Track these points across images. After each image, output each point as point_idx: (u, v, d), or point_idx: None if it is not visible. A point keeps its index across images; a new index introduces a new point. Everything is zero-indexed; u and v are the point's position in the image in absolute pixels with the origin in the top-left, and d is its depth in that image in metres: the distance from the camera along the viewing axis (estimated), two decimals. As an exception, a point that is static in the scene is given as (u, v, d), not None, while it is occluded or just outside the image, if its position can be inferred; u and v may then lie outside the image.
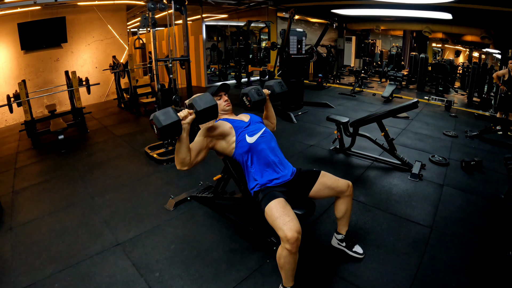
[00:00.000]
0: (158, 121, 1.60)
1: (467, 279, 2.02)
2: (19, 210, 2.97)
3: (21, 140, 5.17)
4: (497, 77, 5.86)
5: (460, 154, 4.15)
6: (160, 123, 1.59)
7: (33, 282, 2.02)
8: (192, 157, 1.84)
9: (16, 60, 6.44)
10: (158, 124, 1.59)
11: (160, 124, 1.59)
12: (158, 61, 3.92)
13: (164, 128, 1.60)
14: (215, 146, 2.06)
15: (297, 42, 5.94)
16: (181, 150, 1.77)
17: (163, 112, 1.63)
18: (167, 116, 1.62)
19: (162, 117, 1.61)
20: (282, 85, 2.36)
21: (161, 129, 1.60)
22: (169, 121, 1.61)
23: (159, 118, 1.60)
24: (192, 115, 1.75)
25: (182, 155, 1.78)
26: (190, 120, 1.74)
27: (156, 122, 1.60)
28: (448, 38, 12.39)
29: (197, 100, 1.76)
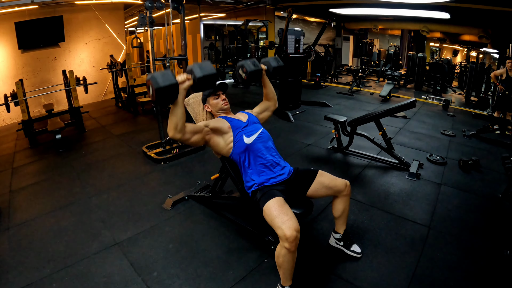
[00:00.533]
0: (156, 82, 1.54)
1: (464, 278, 2.03)
2: (16, 209, 2.95)
3: (18, 140, 5.15)
4: (494, 76, 5.87)
5: (457, 153, 4.16)
6: (158, 84, 1.54)
7: (30, 282, 2.02)
8: (187, 130, 1.82)
9: (13, 59, 6.41)
10: (155, 85, 1.54)
11: (158, 85, 1.54)
12: (156, 60, 3.91)
13: (161, 90, 1.55)
14: (211, 141, 2.05)
15: (295, 41, 5.93)
16: (175, 113, 1.73)
17: (161, 74, 1.58)
18: (165, 78, 1.57)
19: (161, 78, 1.56)
20: (278, 61, 2.31)
21: (157, 90, 1.54)
22: (167, 83, 1.57)
23: (157, 79, 1.55)
24: (190, 81, 1.73)
25: (175, 119, 1.74)
26: (187, 85, 1.73)
27: (153, 82, 1.55)
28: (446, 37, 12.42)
29: (197, 67, 1.72)
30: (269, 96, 2.39)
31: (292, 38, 5.88)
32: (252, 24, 9.51)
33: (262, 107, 2.38)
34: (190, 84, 1.73)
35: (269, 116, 2.43)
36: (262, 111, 2.37)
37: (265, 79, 2.29)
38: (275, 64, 2.27)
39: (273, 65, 2.26)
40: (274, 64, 2.27)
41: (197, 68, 1.72)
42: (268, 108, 2.38)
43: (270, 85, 2.36)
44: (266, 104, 2.38)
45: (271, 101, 2.40)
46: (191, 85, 1.74)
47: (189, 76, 1.73)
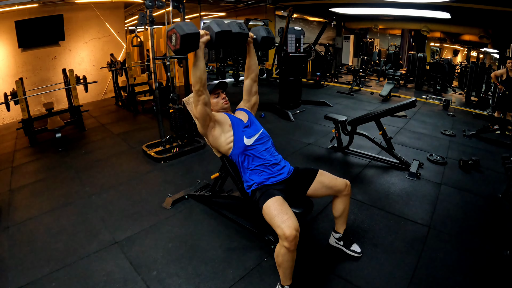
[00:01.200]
0: (181, 29, 1.64)
1: (464, 278, 2.03)
2: (16, 208, 2.95)
3: (18, 138, 5.15)
4: (495, 76, 5.87)
5: (457, 153, 4.16)
6: (184, 30, 1.64)
7: (30, 281, 2.01)
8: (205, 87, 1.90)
9: (13, 58, 6.40)
10: (180, 32, 1.63)
11: (183, 31, 1.63)
12: (156, 59, 3.91)
13: (186, 36, 1.65)
14: (213, 131, 2.05)
15: (295, 40, 5.93)
16: (198, 66, 1.82)
17: (185, 23, 1.68)
18: (189, 26, 1.67)
19: (185, 26, 1.66)
20: (269, 31, 2.22)
21: (183, 37, 1.64)
22: (192, 31, 1.67)
23: (183, 27, 1.65)
24: (208, 36, 1.81)
25: (199, 73, 1.84)
26: (206, 40, 1.80)
27: (178, 30, 1.64)
28: (446, 37, 12.42)
29: (214, 23, 1.82)
30: (251, 67, 2.28)
31: (293, 37, 5.88)
32: (253, 23, 9.48)
33: (247, 89, 2.32)
34: (208, 39, 1.81)
35: (256, 92, 2.34)
36: (249, 93, 2.32)
37: (251, 47, 2.20)
38: (264, 33, 2.18)
39: (262, 34, 2.18)
40: (264, 34, 2.17)
41: (214, 24, 1.82)
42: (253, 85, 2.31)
43: (254, 55, 2.27)
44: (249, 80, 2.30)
45: (253, 71, 2.29)
46: (208, 40, 1.81)
47: (207, 31, 1.81)
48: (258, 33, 2.18)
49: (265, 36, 2.18)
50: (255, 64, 2.29)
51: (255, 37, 2.19)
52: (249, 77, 2.30)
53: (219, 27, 1.82)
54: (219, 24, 1.83)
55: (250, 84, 2.31)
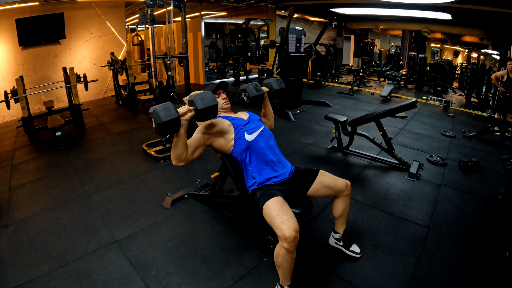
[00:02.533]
0: (158, 117, 1.60)
1: (464, 279, 2.03)
2: (15, 207, 2.95)
3: (18, 137, 5.15)
4: (495, 78, 5.87)
5: (457, 154, 4.16)
6: (160, 119, 1.59)
7: (29, 280, 2.01)
8: (188, 153, 1.82)
9: (13, 56, 6.40)
10: (157, 120, 1.59)
11: (160, 120, 1.59)
12: (157, 58, 3.91)
13: (163, 124, 1.60)
14: (212, 144, 2.04)
15: (296, 40, 5.93)
16: (178, 146, 1.75)
17: (163, 108, 1.62)
18: (167, 112, 1.62)
19: (162, 113, 1.60)
20: (280, 83, 2.34)
21: (160, 125, 1.60)
22: (169, 118, 1.61)
23: (159, 114, 1.60)
24: (192, 112, 1.74)
25: (179, 151, 1.77)
26: (189, 117, 1.73)
27: (155, 117, 1.60)
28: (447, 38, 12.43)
29: (198, 98, 1.75)
30: (267, 117, 2.40)
31: (293, 37, 5.88)
32: (253, 23, 9.49)
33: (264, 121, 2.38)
34: (192, 115, 1.74)
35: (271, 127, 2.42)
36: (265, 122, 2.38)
37: (266, 101, 2.32)
38: (277, 87, 2.30)
39: (275, 87, 2.29)
40: (276, 87, 2.29)
41: (198, 99, 1.74)
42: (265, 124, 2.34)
43: (270, 107, 2.39)
44: (263, 121, 2.36)
45: (268, 121, 2.40)
46: (193, 115, 1.75)
47: (190, 107, 1.74)
48: (271, 87, 2.29)
49: (278, 89, 2.30)
50: (271, 114, 2.42)
51: (269, 90, 2.29)
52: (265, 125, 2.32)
53: (203, 103, 1.74)
54: (203, 99, 1.75)
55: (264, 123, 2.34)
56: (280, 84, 2.33)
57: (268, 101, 2.34)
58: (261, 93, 2.15)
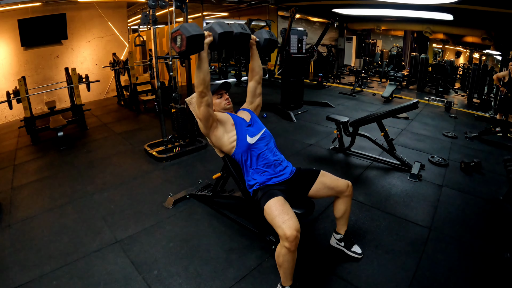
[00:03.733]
0: (187, 30, 1.63)
1: (465, 280, 2.03)
2: (17, 206, 2.96)
3: (20, 137, 5.16)
4: (497, 78, 5.86)
5: (459, 155, 4.15)
6: (189, 32, 1.63)
7: (31, 279, 2.02)
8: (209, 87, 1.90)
9: (16, 57, 6.42)
10: (186, 33, 1.63)
11: (189, 32, 1.63)
12: (158, 59, 3.92)
13: (192, 38, 1.64)
14: (215, 131, 2.05)
15: (298, 41, 5.93)
16: (202, 68, 1.83)
17: (189, 24, 1.68)
18: (194, 28, 1.67)
19: (190, 28, 1.66)
20: (272, 34, 2.23)
21: (189, 38, 1.64)
22: (197, 32, 1.66)
23: (188, 28, 1.65)
24: (211, 37, 1.81)
25: (203, 75, 1.84)
26: (209, 41, 1.81)
27: (184, 31, 1.64)
28: (448, 39, 12.40)
29: (217, 24, 1.82)
30: (255, 69, 2.30)
31: (295, 38, 5.88)
32: (255, 24, 9.50)
33: (251, 91, 2.33)
34: (211, 40, 1.81)
35: (260, 94, 2.36)
36: (252, 95, 2.33)
37: (254, 49, 2.22)
38: (267, 36, 2.18)
39: (264, 36, 2.19)
40: (266, 36, 2.18)
41: (216, 25, 1.82)
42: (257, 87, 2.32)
43: (258, 57, 2.28)
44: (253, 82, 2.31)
45: (257, 73, 2.31)
46: (211, 41, 1.82)
47: (209, 33, 1.81)
48: (260, 36, 2.19)
49: (267, 38, 2.18)
50: (259, 66, 2.30)
51: (258, 40, 2.19)
52: (253, 79, 2.31)
53: (222, 28, 1.82)
54: (221, 26, 1.83)
55: (254, 86, 2.32)
56: (271, 35, 2.22)
57: (256, 51, 2.23)
58: (247, 32, 2.02)
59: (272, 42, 2.22)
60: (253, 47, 2.20)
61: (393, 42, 15.50)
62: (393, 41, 15.64)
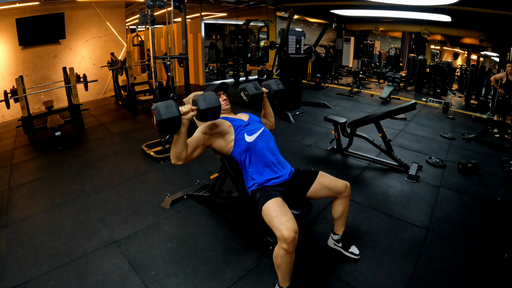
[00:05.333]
0: (159, 114, 1.59)
1: (462, 280, 2.03)
2: (14, 206, 2.95)
3: (17, 136, 5.15)
4: (495, 80, 5.89)
5: (457, 156, 4.17)
6: (160, 116, 1.59)
7: (28, 279, 2.01)
8: (188, 153, 1.81)
9: (13, 56, 6.40)
10: (158, 117, 1.59)
11: (160, 117, 1.59)
12: (157, 59, 3.91)
13: (164, 122, 1.60)
14: (212, 144, 2.04)
15: (296, 41, 5.93)
16: (178, 144, 1.74)
17: (165, 105, 1.62)
18: (168, 110, 1.61)
19: (164, 110, 1.60)
20: (279, 84, 2.35)
21: (160, 122, 1.59)
22: (169, 115, 1.61)
23: (160, 111, 1.59)
24: (194, 111, 1.74)
25: (178, 150, 1.75)
26: (191, 116, 1.73)
27: (156, 114, 1.60)
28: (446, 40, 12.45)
29: (201, 98, 1.75)
30: (267, 118, 2.41)
31: (293, 39, 5.89)
32: (253, 24, 9.50)
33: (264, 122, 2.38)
34: (194, 115, 1.74)
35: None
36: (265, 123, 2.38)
37: (265, 101, 2.32)
38: (276, 87, 2.31)
39: (274, 88, 2.30)
40: (275, 88, 2.30)
41: (201, 100, 1.74)
42: (266, 125, 2.35)
43: (270, 107, 2.39)
44: (264, 121, 2.38)
45: (268, 122, 2.41)
46: (195, 115, 1.75)
47: (193, 107, 1.74)
48: (270, 88, 2.30)
49: (276, 89, 2.31)
50: (271, 114, 2.43)
51: (268, 92, 2.29)
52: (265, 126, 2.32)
53: (205, 103, 1.73)
54: (206, 100, 1.74)
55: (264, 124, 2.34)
56: (279, 85, 2.34)
57: (267, 101, 2.34)
58: (260, 91, 2.16)
59: (281, 92, 2.35)
60: (264, 99, 2.30)
61: (391, 43, 15.55)
62: (391, 42, 15.68)
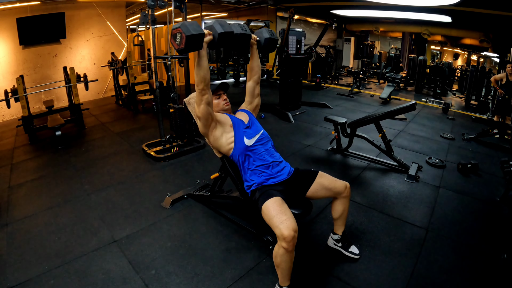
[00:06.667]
0: (187, 29, 1.63)
1: (462, 280, 2.04)
2: (15, 206, 2.95)
3: (18, 136, 5.15)
4: (495, 80, 5.89)
5: (456, 157, 4.17)
6: (189, 31, 1.63)
7: (28, 279, 2.02)
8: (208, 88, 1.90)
9: (14, 55, 6.40)
10: (186, 32, 1.63)
11: (189, 32, 1.63)
12: (157, 59, 3.91)
13: (192, 37, 1.64)
14: (214, 131, 2.04)
15: (296, 42, 5.94)
16: (202, 65, 1.83)
17: (190, 23, 1.67)
18: (194, 27, 1.67)
19: (190, 26, 1.65)
20: (272, 33, 2.21)
21: (188, 37, 1.64)
22: (197, 31, 1.67)
23: (189, 27, 1.64)
24: (211, 36, 1.81)
25: (203, 73, 1.84)
26: (208, 40, 1.81)
27: (184, 29, 1.63)
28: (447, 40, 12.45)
29: (218, 23, 1.82)
30: (254, 69, 2.28)
31: (294, 39, 5.89)
32: (254, 24, 9.49)
33: (249, 91, 2.32)
34: (210, 39, 1.82)
35: (259, 94, 2.34)
36: (251, 95, 2.32)
37: (254, 49, 2.19)
38: (267, 35, 2.16)
39: (265, 36, 2.16)
40: (267, 35, 2.15)
41: (217, 24, 1.82)
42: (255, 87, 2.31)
43: (257, 57, 2.28)
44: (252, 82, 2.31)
45: (256, 73, 2.29)
46: (211, 40, 1.82)
47: (210, 31, 1.82)
48: (261, 35, 2.17)
49: (268, 37, 2.16)
50: (258, 66, 2.29)
51: (258, 39, 2.18)
52: (252, 79, 2.30)
53: (222, 28, 1.82)
54: (222, 25, 1.83)
55: (253, 86, 2.31)
56: (272, 34, 2.19)
57: (256, 50, 2.22)
58: (247, 32, 2.02)
59: (273, 41, 2.20)
60: (253, 47, 2.18)
61: (391, 43, 15.55)
62: (391, 42, 15.69)
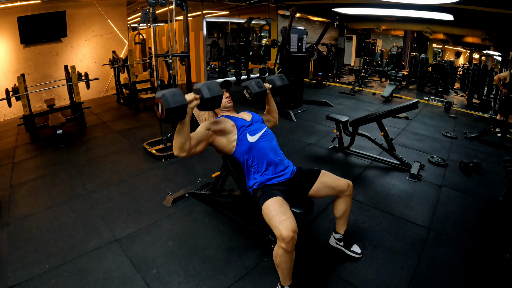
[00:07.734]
0: (167, 102, 1.55)
1: (464, 280, 2.03)
2: (16, 204, 2.96)
3: (19, 134, 5.15)
4: (498, 79, 5.85)
5: (459, 156, 4.15)
6: (169, 104, 1.55)
7: (30, 278, 2.02)
8: (192, 145, 1.80)
9: (15, 54, 6.41)
10: (166, 105, 1.55)
11: (169, 105, 1.55)
12: (158, 57, 3.90)
13: (172, 110, 1.56)
14: (214, 142, 2.03)
15: (298, 40, 5.92)
16: (182, 134, 1.73)
17: (172, 93, 1.58)
18: (176, 98, 1.58)
19: (171, 98, 1.56)
20: (283, 79, 2.31)
21: (168, 110, 1.55)
22: (178, 104, 1.58)
23: (168, 100, 1.55)
24: (198, 100, 1.73)
25: (182, 139, 1.74)
26: (195, 105, 1.72)
27: (164, 102, 1.55)
28: (449, 39, 12.39)
29: (205, 87, 1.73)
30: (271, 114, 2.39)
31: (295, 37, 5.87)
32: (255, 22, 9.48)
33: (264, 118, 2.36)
34: (197, 104, 1.73)
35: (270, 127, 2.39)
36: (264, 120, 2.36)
37: (269, 97, 2.30)
38: (279, 83, 2.27)
39: (278, 84, 2.26)
40: (279, 83, 2.27)
41: (205, 88, 1.73)
42: (269, 121, 2.36)
43: (274, 103, 2.36)
44: (267, 118, 2.37)
45: (272, 118, 2.39)
46: (198, 104, 1.73)
47: (196, 96, 1.72)
48: (274, 83, 2.26)
49: (280, 85, 2.27)
50: (275, 110, 2.39)
51: (272, 87, 2.25)
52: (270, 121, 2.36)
53: (209, 92, 1.72)
54: (210, 89, 1.73)
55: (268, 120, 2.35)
56: (283, 81, 2.29)
57: (271, 97, 2.32)
58: (263, 89, 2.13)
59: (285, 87, 2.31)
60: (268, 96, 2.28)
61: (393, 41, 15.48)
62: (393, 40, 15.61)
